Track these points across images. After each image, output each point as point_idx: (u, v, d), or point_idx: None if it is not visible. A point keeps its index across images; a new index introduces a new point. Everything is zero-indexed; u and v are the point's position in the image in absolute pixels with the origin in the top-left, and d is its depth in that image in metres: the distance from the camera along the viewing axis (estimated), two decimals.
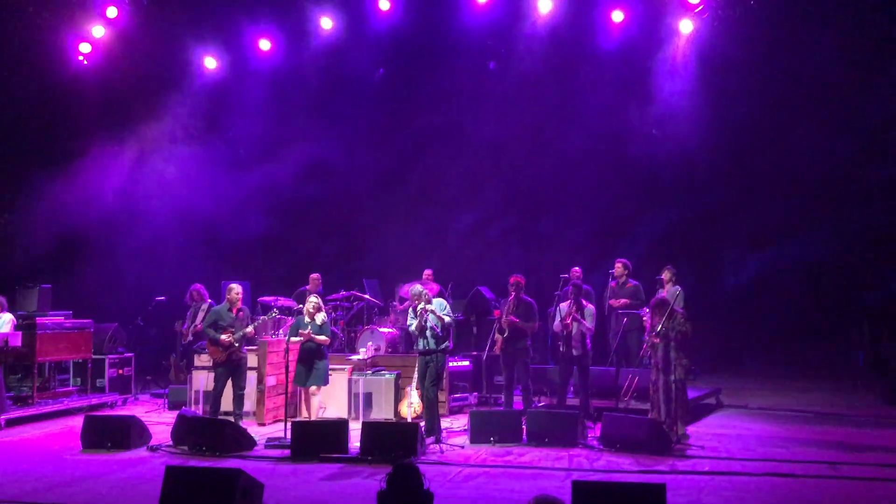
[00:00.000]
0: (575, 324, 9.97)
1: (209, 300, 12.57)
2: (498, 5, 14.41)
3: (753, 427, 10.11)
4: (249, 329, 10.18)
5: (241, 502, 6.05)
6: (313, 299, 10.14)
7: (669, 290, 10.46)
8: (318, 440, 8.51)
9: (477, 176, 17.17)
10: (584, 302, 10.16)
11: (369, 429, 8.50)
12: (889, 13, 13.49)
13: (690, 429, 9.50)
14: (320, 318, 9.96)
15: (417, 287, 9.66)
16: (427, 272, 12.39)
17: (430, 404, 9.25)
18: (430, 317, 9.16)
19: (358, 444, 8.42)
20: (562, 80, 15.59)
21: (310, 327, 9.87)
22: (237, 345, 10.05)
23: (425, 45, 15.59)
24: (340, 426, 8.70)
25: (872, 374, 14.31)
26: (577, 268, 11.53)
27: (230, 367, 10.09)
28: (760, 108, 15.32)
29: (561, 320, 10.10)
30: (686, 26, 13.95)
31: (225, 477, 6.23)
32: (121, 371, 12.44)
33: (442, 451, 8.55)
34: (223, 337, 9.96)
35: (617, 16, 13.95)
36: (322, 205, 17.76)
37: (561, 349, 10.13)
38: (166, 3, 14.58)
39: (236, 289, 10.42)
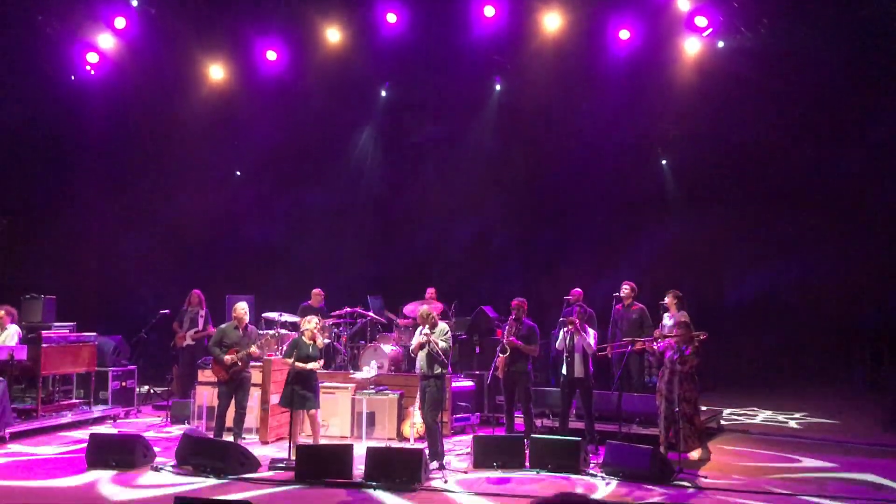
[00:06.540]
0: (576, 337, 9.96)
1: (206, 308, 12.72)
2: (505, 21, 14.43)
3: (754, 454, 10.14)
4: (254, 349, 10.16)
5: None
6: (314, 322, 9.86)
7: (676, 316, 10.46)
8: (323, 464, 8.54)
9: (479, 188, 17.22)
10: (586, 327, 10.18)
11: (374, 454, 8.52)
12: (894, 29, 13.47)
13: (692, 454, 9.55)
14: (321, 341, 9.83)
15: (425, 309, 9.63)
16: (430, 291, 12.38)
17: (429, 430, 9.21)
18: (433, 344, 9.16)
19: (362, 469, 8.46)
20: (566, 95, 15.61)
21: (310, 348, 9.70)
22: (240, 364, 10.07)
23: (430, 58, 15.60)
24: (345, 451, 8.70)
25: (872, 394, 14.37)
26: (577, 289, 11.59)
27: (233, 386, 10.13)
28: (765, 125, 15.35)
29: (562, 330, 10.14)
30: (692, 45, 13.99)
31: None
32: (124, 384, 12.49)
33: (445, 480, 8.57)
34: (227, 357, 9.99)
35: (623, 34, 13.98)
36: (324, 216, 17.80)
37: (563, 371, 10.13)
38: (173, 13, 14.59)
39: (242, 307, 10.42)
